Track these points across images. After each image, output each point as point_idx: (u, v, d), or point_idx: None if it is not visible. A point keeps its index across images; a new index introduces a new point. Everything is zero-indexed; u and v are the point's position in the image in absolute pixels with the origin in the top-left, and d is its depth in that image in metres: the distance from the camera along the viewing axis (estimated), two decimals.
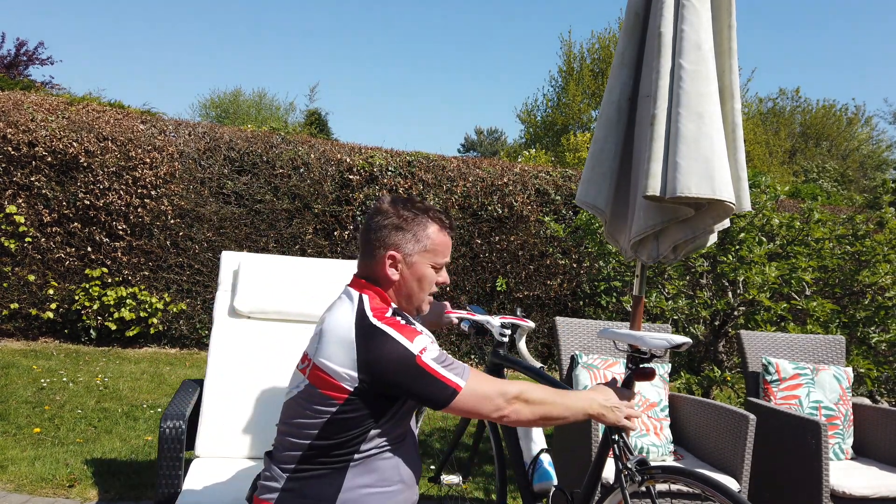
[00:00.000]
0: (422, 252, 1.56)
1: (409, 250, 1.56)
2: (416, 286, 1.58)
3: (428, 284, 1.60)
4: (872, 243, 3.86)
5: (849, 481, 2.71)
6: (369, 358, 1.42)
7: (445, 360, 1.47)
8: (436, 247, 1.58)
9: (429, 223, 1.57)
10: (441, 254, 1.60)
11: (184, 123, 6.60)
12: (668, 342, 1.62)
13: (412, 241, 1.56)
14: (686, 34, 2.09)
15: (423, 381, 1.42)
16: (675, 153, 2.06)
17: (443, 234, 1.60)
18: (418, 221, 1.56)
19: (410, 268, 1.56)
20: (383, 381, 1.43)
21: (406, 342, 1.44)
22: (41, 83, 12.84)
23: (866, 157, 22.90)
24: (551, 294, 7.09)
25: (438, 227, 1.59)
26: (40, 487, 3.01)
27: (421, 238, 1.56)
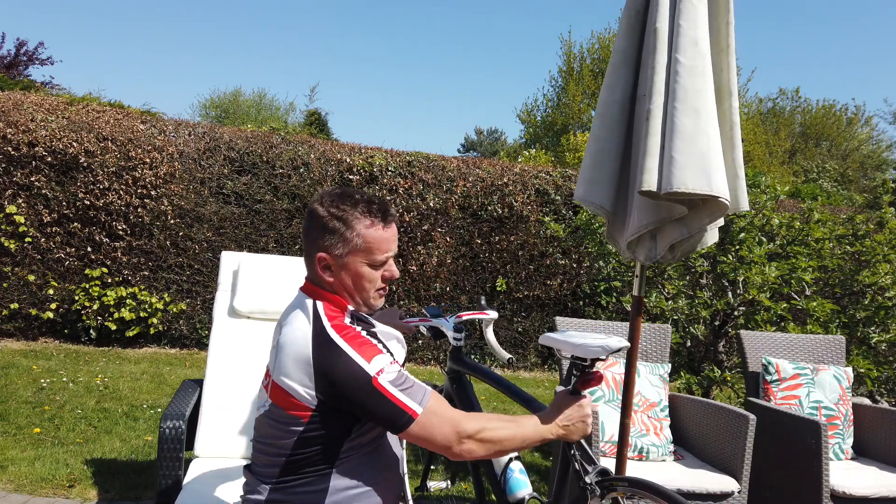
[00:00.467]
0: (353, 252, 1.48)
1: (339, 251, 1.48)
2: (354, 286, 1.50)
3: (368, 283, 1.51)
4: (872, 243, 3.86)
5: (849, 481, 2.71)
6: (325, 377, 1.37)
7: (404, 383, 1.39)
8: (368, 245, 1.48)
9: (357, 220, 1.47)
10: (377, 250, 1.49)
11: (184, 123, 6.60)
12: (606, 349, 1.54)
13: (340, 242, 1.47)
14: (683, 30, 2.09)
15: (378, 404, 1.36)
16: (671, 148, 2.05)
17: (376, 230, 1.48)
18: (345, 219, 1.47)
19: (343, 269, 1.49)
20: (340, 401, 1.38)
21: (363, 362, 1.37)
22: (41, 83, 12.84)
23: (866, 157, 22.89)
24: (551, 294, 7.08)
25: (369, 222, 1.48)
26: (40, 487, 3.01)
27: (349, 237, 1.47)
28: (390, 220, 1.52)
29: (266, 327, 2.76)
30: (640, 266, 2.40)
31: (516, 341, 7.07)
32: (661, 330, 3.26)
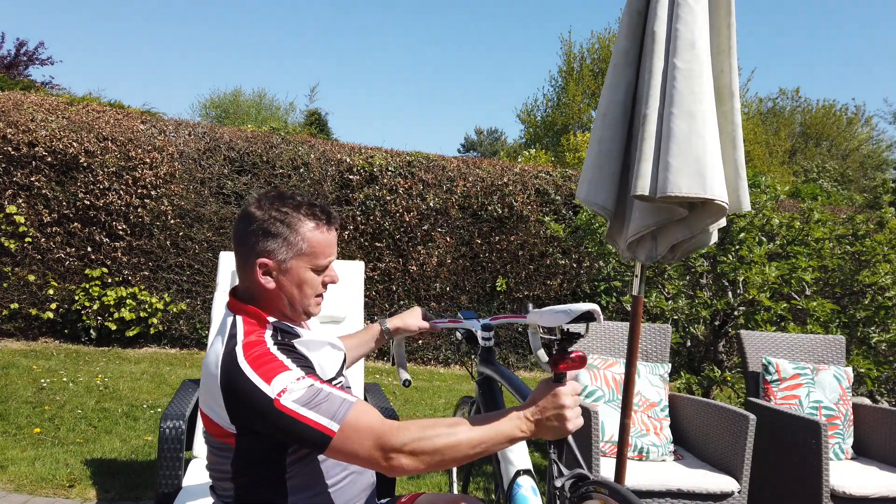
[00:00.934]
0: (297, 256, 1.39)
1: (282, 256, 1.39)
2: (296, 292, 1.41)
3: (311, 289, 1.42)
4: (872, 243, 3.86)
5: (849, 481, 2.71)
6: (233, 403, 1.28)
7: (313, 400, 1.24)
8: (313, 248, 1.40)
9: (301, 223, 1.39)
10: (321, 254, 1.42)
11: (184, 123, 6.60)
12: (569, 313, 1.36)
13: (284, 246, 1.38)
14: (680, 33, 2.09)
15: (288, 427, 1.24)
16: (666, 152, 2.05)
17: (320, 232, 1.41)
18: (289, 222, 1.39)
19: (286, 274, 1.40)
20: (254, 426, 1.29)
21: (262, 384, 1.25)
22: (41, 83, 12.84)
23: (866, 156, 22.89)
24: (551, 294, 7.08)
25: (314, 225, 1.41)
26: (40, 487, 3.01)
27: (293, 241, 1.39)
28: (334, 223, 1.45)
29: None
30: (640, 266, 2.40)
31: (516, 341, 7.08)
32: (661, 330, 3.26)
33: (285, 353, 1.32)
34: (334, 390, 1.28)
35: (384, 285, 6.73)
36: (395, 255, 6.72)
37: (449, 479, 1.83)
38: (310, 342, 1.44)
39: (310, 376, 1.28)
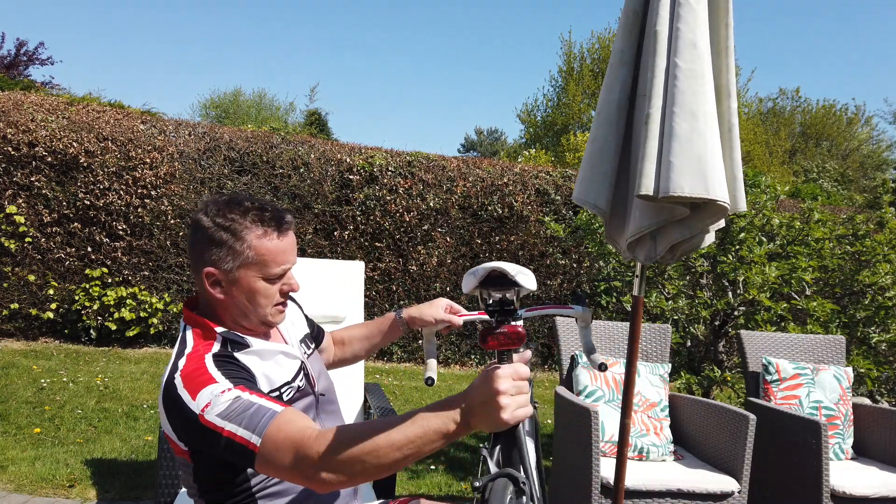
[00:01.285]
0: (245, 265, 1.30)
1: (228, 266, 1.30)
2: (247, 303, 1.33)
3: (265, 298, 1.33)
4: (872, 243, 3.86)
5: (849, 481, 2.71)
6: (172, 425, 1.22)
7: (236, 412, 1.14)
8: (261, 257, 1.30)
9: (248, 230, 1.30)
10: (272, 262, 1.31)
11: (184, 123, 6.61)
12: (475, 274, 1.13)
13: (229, 255, 1.30)
14: (682, 32, 2.09)
15: (216, 443, 1.14)
16: (668, 152, 2.05)
17: (269, 240, 1.31)
18: (234, 230, 1.30)
19: (235, 284, 1.31)
20: (193, 448, 1.23)
21: (189, 400, 1.17)
22: (41, 83, 12.84)
23: (866, 156, 22.90)
24: (551, 294, 7.08)
25: (261, 232, 1.31)
26: (40, 487, 3.01)
27: (239, 249, 1.30)
28: (286, 229, 1.34)
29: None
30: (640, 266, 2.40)
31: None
32: (661, 330, 3.26)
33: (220, 365, 1.24)
34: (263, 401, 1.16)
35: (384, 285, 6.73)
36: (395, 255, 6.72)
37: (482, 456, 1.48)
38: (261, 351, 1.35)
39: (238, 387, 1.18)
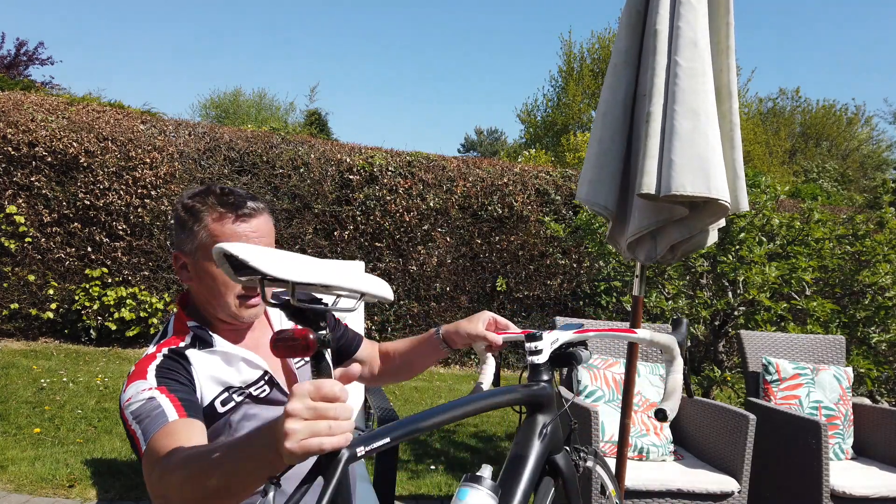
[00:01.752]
0: (201, 248, 1.26)
1: (189, 248, 1.28)
2: (206, 291, 1.28)
3: (223, 286, 1.26)
4: (872, 243, 3.86)
5: (849, 481, 2.71)
6: None
7: (143, 413, 1.09)
8: (215, 237, 1.25)
9: (206, 213, 1.26)
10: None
11: (184, 123, 6.60)
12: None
13: (189, 238, 1.27)
14: (682, 31, 2.09)
15: (129, 439, 1.11)
16: (670, 150, 2.05)
17: (224, 224, 1.25)
18: (195, 211, 1.27)
19: (197, 269, 1.28)
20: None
21: (122, 394, 1.16)
22: (41, 83, 12.84)
23: (866, 157, 22.90)
24: (551, 294, 7.08)
25: (217, 215, 1.26)
26: (40, 487, 3.01)
27: (197, 233, 1.26)
28: (245, 214, 1.27)
29: None
30: (640, 266, 2.40)
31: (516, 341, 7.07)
32: (661, 330, 3.26)
33: (162, 361, 1.20)
34: (170, 406, 1.10)
35: None
36: (395, 255, 6.72)
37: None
38: (224, 353, 1.29)
39: (159, 388, 1.13)
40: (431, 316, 6.85)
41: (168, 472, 0.95)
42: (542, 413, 1.24)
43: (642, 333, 1.26)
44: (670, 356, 1.29)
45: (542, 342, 1.25)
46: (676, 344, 1.28)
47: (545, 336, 1.26)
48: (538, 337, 1.25)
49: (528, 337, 1.27)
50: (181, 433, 1.06)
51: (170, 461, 0.97)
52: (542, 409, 1.24)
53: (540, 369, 1.26)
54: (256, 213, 1.28)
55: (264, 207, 1.31)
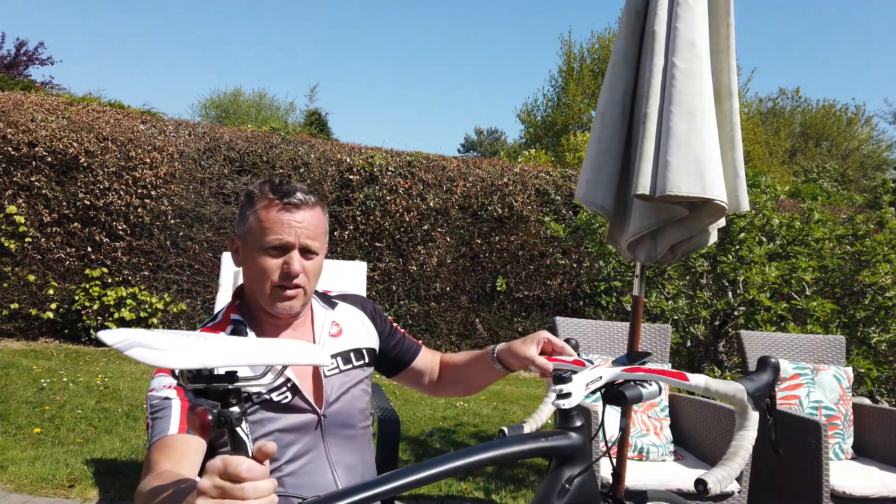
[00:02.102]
0: (249, 232, 1.29)
1: (241, 232, 1.32)
2: (249, 276, 1.31)
3: (262, 273, 1.28)
4: (872, 243, 3.86)
5: (849, 481, 2.71)
6: None
7: (157, 411, 1.15)
8: (260, 224, 1.27)
9: (258, 199, 1.29)
10: (268, 231, 1.26)
11: (184, 123, 6.61)
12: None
13: (242, 222, 1.32)
14: (680, 32, 2.09)
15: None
16: (665, 151, 2.05)
17: (270, 210, 1.28)
18: (251, 198, 1.31)
19: (244, 252, 1.31)
20: None
21: (152, 376, 1.22)
22: (41, 83, 12.84)
23: (866, 156, 22.90)
24: (551, 294, 7.08)
25: (267, 202, 1.28)
26: (40, 487, 3.01)
27: (247, 216, 1.30)
28: (291, 204, 1.28)
29: None
30: (640, 266, 2.40)
31: None
32: (661, 330, 3.26)
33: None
34: (176, 415, 1.14)
35: (384, 285, 6.73)
36: (395, 255, 6.72)
37: None
38: None
39: (178, 388, 1.17)
40: (431, 316, 6.85)
41: (138, 497, 1.01)
42: (569, 465, 1.07)
43: (697, 380, 1.03)
44: (740, 409, 1.01)
45: (571, 384, 1.06)
46: (746, 395, 1.00)
47: (577, 377, 1.07)
48: (566, 378, 1.07)
49: (556, 378, 1.07)
50: (174, 450, 1.09)
51: (143, 487, 1.01)
52: (569, 461, 1.08)
53: (569, 415, 1.08)
54: (304, 205, 1.29)
55: (316, 202, 1.32)
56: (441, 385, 1.60)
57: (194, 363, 0.77)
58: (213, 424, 0.79)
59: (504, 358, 1.38)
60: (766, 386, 1.02)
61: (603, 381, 1.10)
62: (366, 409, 1.44)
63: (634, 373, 1.11)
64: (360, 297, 1.56)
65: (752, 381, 1.00)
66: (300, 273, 1.28)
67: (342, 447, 1.35)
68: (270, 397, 1.29)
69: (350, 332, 1.45)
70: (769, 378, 1.03)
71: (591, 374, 1.09)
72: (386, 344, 1.52)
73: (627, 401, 1.08)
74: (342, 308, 1.48)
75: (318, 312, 1.43)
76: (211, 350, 0.80)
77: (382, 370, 1.56)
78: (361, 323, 1.49)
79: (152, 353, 0.77)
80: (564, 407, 1.06)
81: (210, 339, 0.83)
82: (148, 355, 0.77)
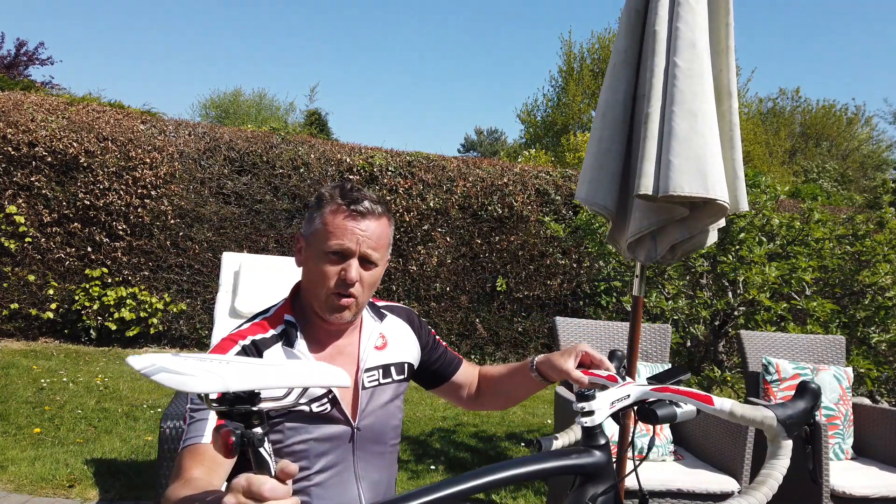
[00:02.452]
0: (313, 234, 1.28)
1: (306, 231, 1.31)
2: (308, 277, 1.30)
3: (320, 277, 1.26)
4: (872, 243, 3.86)
5: (849, 481, 2.71)
6: None
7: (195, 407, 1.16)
8: (324, 227, 1.26)
9: (326, 202, 1.28)
10: (330, 236, 1.25)
11: (184, 123, 6.60)
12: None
13: (309, 223, 1.31)
14: (681, 32, 2.09)
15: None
16: (667, 151, 2.05)
17: (336, 216, 1.26)
18: (320, 200, 1.30)
19: (307, 253, 1.31)
20: None
21: None
22: (41, 83, 12.84)
23: (866, 157, 22.89)
24: (551, 294, 7.08)
25: (335, 206, 1.27)
26: (40, 488, 3.01)
27: (314, 218, 1.29)
28: (357, 212, 1.26)
29: None
30: (640, 266, 2.40)
31: (516, 342, 7.07)
32: (661, 330, 3.26)
33: (240, 353, 1.24)
34: (212, 421, 1.13)
35: (384, 285, 6.73)
36: (394, 255, 6.72)
37: None
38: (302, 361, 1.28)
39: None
40: (431, 316, 6.85)
41: (166, 502, 1.00)
42: (593, 484, 1.05)
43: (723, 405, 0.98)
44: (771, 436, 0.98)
45: (595, 402, 1.05)
46: (776, 422, 0.97)
47: (601, 395, 1.06)
48: (590, 396, 1.05)
49: (578, 395, 1.06)
50: (206, 458, 1.09)
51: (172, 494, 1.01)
52: (593, 479, 1.06)
53: (593, 433, 1.06)
54: (370, 214, 1.27)
55: (383, 213, 1.30)
56: (480, 398, 1.58)
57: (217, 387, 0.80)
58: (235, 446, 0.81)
59: (543, 370, 1.37)
60: (802, 413, 0.98)
61: (631, 400, 1.09)
62: (398, 427, 1.43)
63: (662, 392, 1.08)
64: (406, 308, 1.54)
65: (784, 408, 0.96)
66: (356, 282, 1.26)
67: (370, 462, 1.34)
68: (311, 408, 1.29)
69: (394, 345, 1.43)
70: (807, 405, 0.99)
71: (617, 393, 1.08)
72: (428, 357, 1.51)
73: (659, 419, 1.06)
74: (390, 320, 1.46)
75: (366, 322, 1.41)
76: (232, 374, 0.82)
77: (421, 382, 1.54)
78: (406, 336, 1.48)
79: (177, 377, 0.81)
80: (587, 425, 1.05)
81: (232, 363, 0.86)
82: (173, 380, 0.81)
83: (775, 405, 0.96)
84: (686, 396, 1.05)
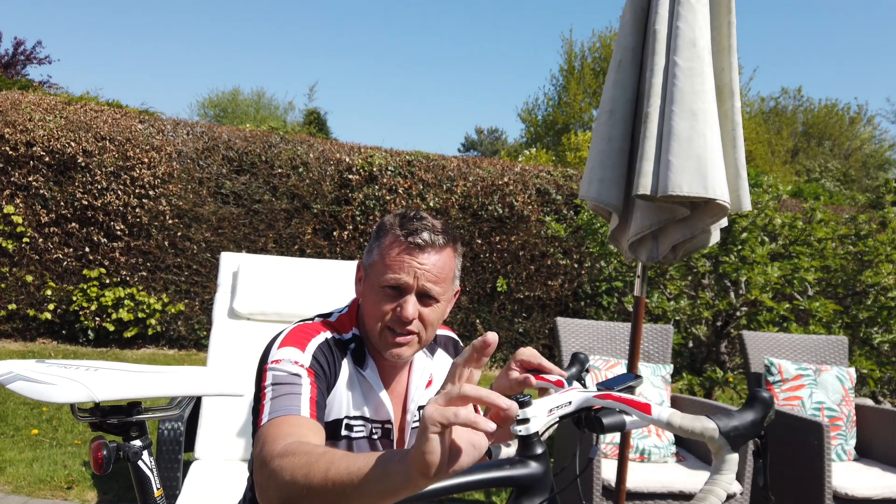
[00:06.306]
0: (372, 265, 1.24)
1: (366, 262, 1.26)
2: (365, 309, 1.25)
3: (375, 311, 1.21)
4: (875, 243, 3.84)
5: (851, 482, 2.70)
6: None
7: (283, 386, 1.11)
8: (382, 259, 1.20)
9: (387, 233, 1.22)
10: (386, 269, 1.19)
11: (182, 123, 6.58)
12: None
13: (369, 252, 1.26)
14: (681, 31, 2.07)
15: (255, 394, 1.16)
16: (667, 151, 2.04)
17: (394, 247, 1.20)
18: (382, 229, 1.24)
19: (364, 285, 1.26)
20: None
21: (274, 348, 1.17)
22: (39, 82, 12.82)
23: (869, 156, 22.87)
24: (552, 294, 7.06)
25: (393, 238, 1.21)
26: (38, 489, 2.99)
27: (373, 249, 1.24)
28: (414, 245, 1.19)
29: (266, 329, 2.73)
30: (641, 266, 2.38)
31: (517, 342, 7.05)
32: (662, 330, 3.24)
33: (324, 343, 1.21)
34: (306, 395, 1.10)
35: None
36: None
37: None
38: (370, 386, 1.27)
39: (310, 370, 1.14)
40: None
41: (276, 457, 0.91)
42: (528, 496, 0.99)
43: (660, 414, 0.91)
44: (714, 449, 0.89)
45: (530, 409, 0.97)
46: (718, 434, 0.87)
47: (538, 402, 0.98)
48: (526, 402, 0.97)
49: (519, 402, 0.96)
50: (304, 431, 1.03)
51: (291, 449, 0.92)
52: (528, 491, 0.99)
53: (529, 442, 0.99)
54: (429, 247, 1.20)
55: (446, 244, 1.22)
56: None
57: (79, 397, 0.75)
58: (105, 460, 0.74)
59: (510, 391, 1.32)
60: (749, 425, 0.89)
61: (573, 407, 1.00)
62: None
63: (604, 399, 0.99)
64: (453, 339, 1.49)
65: (729, 419, 0.88)
66: (414, 319, 1.19)
67: None
68: (375, 439, 1.28)
69: (439, 383, 1.39)
70: (756, 416, 0.90)
71: (557, 399, 1.00)
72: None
73: (605, 428, 0.99)
74: (439, 357, 1.42)
75: (418, 359, 1.36)
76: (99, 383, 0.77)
77: None
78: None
79: (35, 386, 0.75)
80: (521, 434, 0.98)
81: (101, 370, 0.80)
82: (31, 389, 0.74)
83: (720, 416, 0.89)
84: (624, 404, 0.96)
